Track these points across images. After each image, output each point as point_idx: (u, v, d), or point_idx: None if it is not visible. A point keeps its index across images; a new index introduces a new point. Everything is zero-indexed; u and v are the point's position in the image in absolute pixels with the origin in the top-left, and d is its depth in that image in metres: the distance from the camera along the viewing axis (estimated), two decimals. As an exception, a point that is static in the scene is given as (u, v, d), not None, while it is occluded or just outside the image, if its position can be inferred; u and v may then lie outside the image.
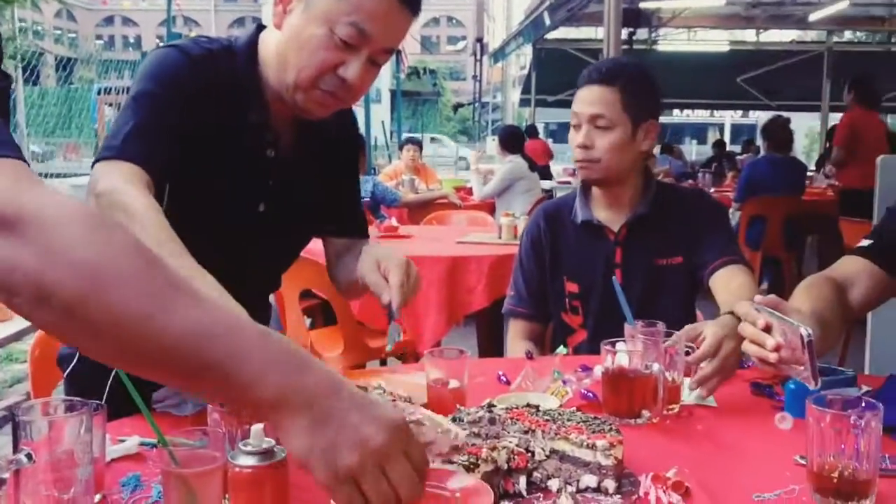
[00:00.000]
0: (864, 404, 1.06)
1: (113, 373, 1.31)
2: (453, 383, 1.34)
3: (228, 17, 66.08)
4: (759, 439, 1.27)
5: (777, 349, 1.21)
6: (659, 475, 1.08)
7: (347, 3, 1.31)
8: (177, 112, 1.34)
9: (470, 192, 7.28)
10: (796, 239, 6.55)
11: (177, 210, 1.33)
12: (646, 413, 1.34)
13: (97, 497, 0.97)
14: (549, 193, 8.99)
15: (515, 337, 2.10)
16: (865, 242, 1.62)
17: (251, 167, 1.46)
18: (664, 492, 1.05)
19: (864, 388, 1.44)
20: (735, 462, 1.18)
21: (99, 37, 58.65)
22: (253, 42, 1.46)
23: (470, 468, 0.99)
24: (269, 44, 1.43)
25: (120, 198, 1.23)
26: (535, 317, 2.09)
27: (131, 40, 64.29)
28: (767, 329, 1.23)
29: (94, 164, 1.32)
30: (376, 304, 1.42)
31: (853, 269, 1.57)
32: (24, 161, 0.77)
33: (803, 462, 1.10)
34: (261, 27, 1.49)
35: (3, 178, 0.73)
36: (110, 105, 12.42)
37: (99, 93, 12.89)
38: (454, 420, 1.14)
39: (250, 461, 0.86)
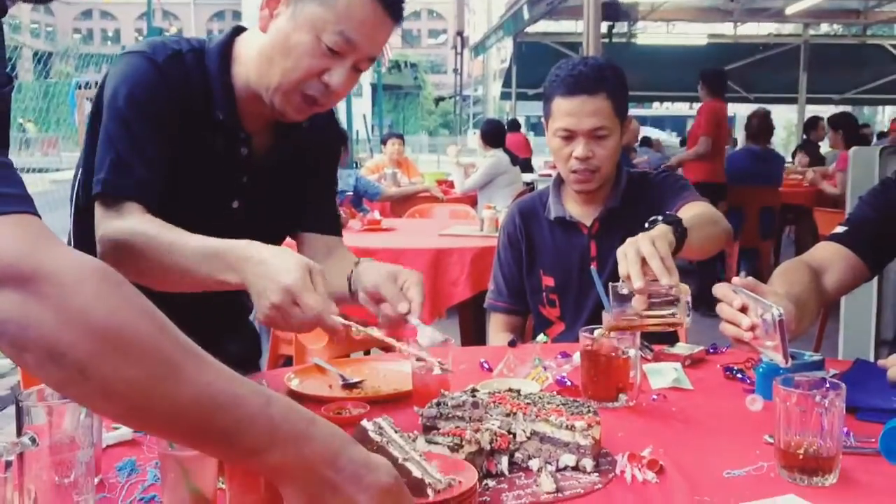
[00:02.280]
0: (828, 385, 1.11)
1: None
2: (437, 370, 1.38)
3: (208, 10, 65.57)
4: (730, 420, 1.33)
5: (752, 328, 1.26)
6: (635, 454, 1.13)
7: (335, 12, 1.34)
8: (151, 129, 1.41)
9: (452, 185, 7.32)
10: (773, 229, 6.65)
11: (160, 205, 1.40)
12: (622, 396, 1.39)
13: (96, 480, 1.01)
14: (530, 186, 9.04)
15: (496, 330, 2.15)
16: (840, 229, 1.69)
17: (224, 165, 1.50)
18: (639, 470, 1.10)
19: (832, 372, 1.50)
20: (707, 442, 1.24)
21: (77, 30, 58.05)
22: (227, 43, 1.49)
23: (454, 449, 1.04)
24: (250, 45, 1.46)
25: (125, 238, 1.34)
26: (515, 310, 2.14)
27: (110, 34, 63.68)
28: (744, 309, 1.28)
29: (92, 198, 1.41)
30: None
31: (828, 254, 1.64)
32: (39, 216, 0.77)
33: (771, 441, 1.15)
34: (238, 29, 1.53)
35: (23, 234, 0.73)
36: (90, 100, 12.33)
37: (79, 87, 12.79)
38: (438, 405, 1.19)
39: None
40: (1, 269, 0.71)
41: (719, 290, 1.33)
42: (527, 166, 10.26)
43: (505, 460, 1.11)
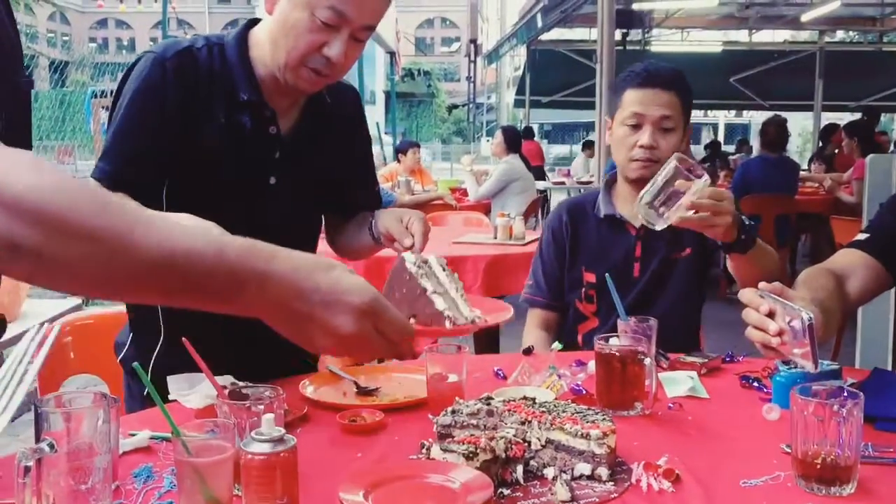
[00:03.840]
0: (846, 394, 1.11)
1: (153, 356, 1.59)
2: (452, 378, 1.38)
3: (222, 19, 65.96)
4: (747, 429, 1.32)
5: (780, 334, 1.24)
6: (650, 463, 1.12)
7: None
8: (158, 125, 1.52)
9: (465, 193, 7.32)
10: (789, 237, 6.62)
11: (192, 194, 1.49)
12: (638, 405, 1.38)
13: (113, 486, 1.01)
14: (543, 194, 9.02)
15: (532, 325, 2.18)
16: (862, 236, 1.68)
17: (256, 143, 1.60)
18: (655, 479, 1.10)
19: (850, 381, 1.48)
20: (724, 451, 1.23)
21: (92, 39, 58.50)
22: (243, 33, 1.61)
23: (469, 457, 1.04)
24: (263, 30, 1.58)
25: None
26: (552, 306, 2.17)
27: (125, 43, 64.17)
28: (771, 314, 1.27)
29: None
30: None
31: (850, 261, 1.63)
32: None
33: (788, 450, 1.14)
34: (254, 21, 1.63)
35: None
36: (105, 108, 12.45)
37: (94, 96, 12.90)
38: (453, 412, 1.19)
39: (262, 448, 0.90)
40: None
41: (746, 294, 1.31)
42: (540, 174, 10.26)
43: (520, 469, 1.11)
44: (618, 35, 9.81)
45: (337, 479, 1.03)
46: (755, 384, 1.54)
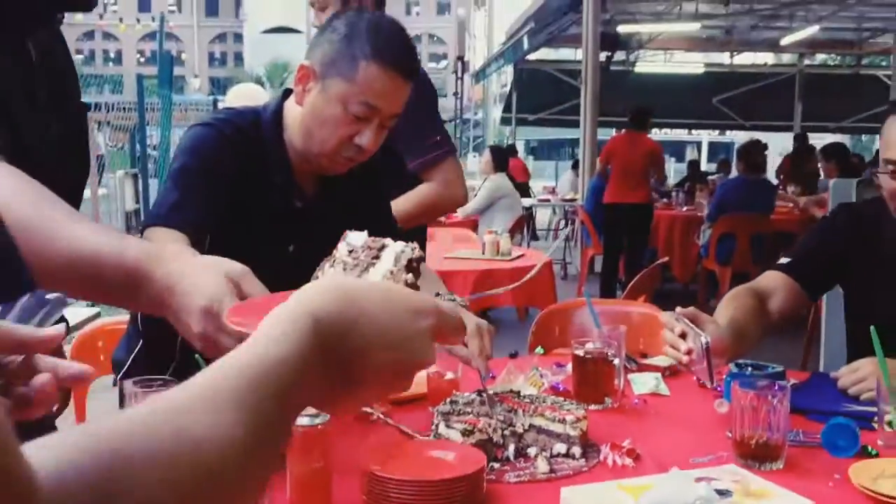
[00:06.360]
0: (777, 387, 1.34)
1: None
2: (449, 375, 1.60)
3: (210, 32, 66.12)
4: (700, 420, 1.55)
5: (689, 353, 1.52)
6: (616, 444, 1.35)
7: (357, 85, 1.54)
8: (213, 184, 1.59)
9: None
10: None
11: (218, 253, 1.58)
12: (608, 399, 1.61)
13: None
14: (528, 211, 9.26)
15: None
16: (785, 260, 1.94)
17: (280, 217, 1.69)
18: (619, 457, 1.32)
19: (792, 381, 1.72)
20: (678, 436, 1.46)
21: (79, 51, 58.51)
22: (278, 111, 1.68)
23: (466, 434, 1.26)
24: (293, 114, 1.65)
25: None
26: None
27: (112, 55, 64.20)
28: (683, 336, 1.53)
29: (142, 230, 1.58)
30: None
31: (773, 282, 1.89)
32: None
33: (730, 435, 1.37)
34: (287, 93, 1.70)
35: None
36: (96, 122, 12.57)
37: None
38: (451, 402, 1.41)
39: (303, 422, 1.12)
40: None
41: (665, 316, 1.57)
42: (525, 191, 10.51)
43: (512, 448, 1.33)
44: (602, 57, 10.12)
45: (356, 453, 1.25)
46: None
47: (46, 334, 0.72)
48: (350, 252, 0.87)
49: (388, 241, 0.84)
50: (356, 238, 0.88)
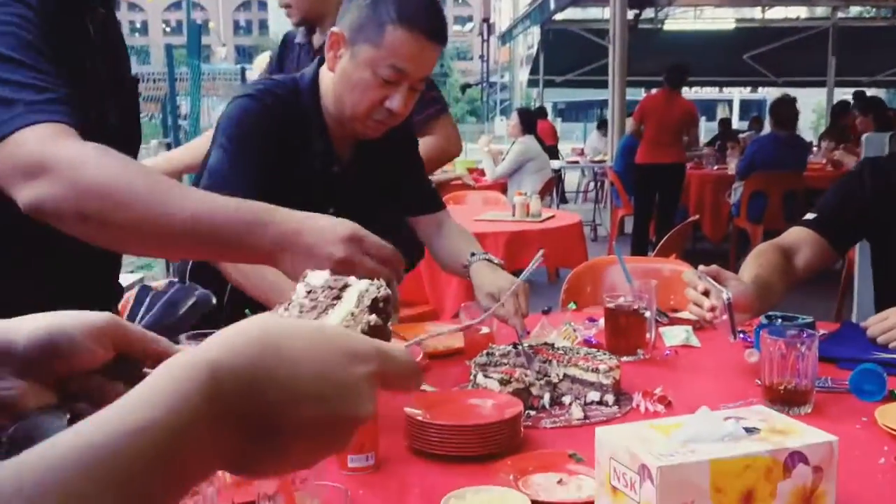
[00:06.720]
0: (805, 335, 1.37)
1: None
2: (485, 330, 1.66)
3: (234, 0, 66.04)
4: (730, 370, 1.60)
5: (712, 309, 1.56)
6: (648, 391, 1.40)
7: (386, 49, 1.58)
8: (258, 154, 1.65)
9: (482, 173, 7.57)
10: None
11: None
12: (640, 351, 1.65)
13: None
14: (557, 173, 9.24)
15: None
16: (811, 216, 1.94)
17: (320, 181, 1.75)
18: (651, 403, 1.37)
19: (822, 332, 1.75)
20: (709, 384, 1.51)
21: (107, 23, 58.58)
22: (315, 78, 1.72)
23: (503, 383, 1.32)
24: (328, 81, 1.70)
25: None
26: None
27: (138, 25, 64.45)
28: (706, 293, 1.56)
29: None
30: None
31: (798, 238, 1.90)
32: (62, 120, 1.10)
33: (760, 383, 1.41)
34: (321, 61, 1.74)
35: (34, 139, 1.06)
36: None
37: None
38: (488, 355, 1.46)
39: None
40: (29, 167, 1.05)
41: (688, 275, 1.60)
42: (553, 153, 10.48)
43: (547, 396, 1.38)
44: (631, 14, 9.99)
45: (397, 403, 1.31)
46: (741, 334, 1.80)
47: (170, 352, 0.70)
48: (308, 293, 0.80)
49: (351, 279, 0.79)
50: (316, 278, 0.82)
